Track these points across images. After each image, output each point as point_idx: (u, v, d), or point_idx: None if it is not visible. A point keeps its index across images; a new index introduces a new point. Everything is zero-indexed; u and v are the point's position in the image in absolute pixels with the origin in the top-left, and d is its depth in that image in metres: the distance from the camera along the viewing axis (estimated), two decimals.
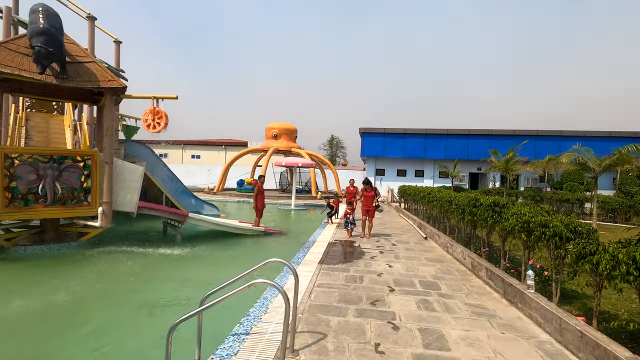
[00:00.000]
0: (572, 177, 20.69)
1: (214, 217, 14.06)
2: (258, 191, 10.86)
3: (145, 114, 7.67)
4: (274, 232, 10.89)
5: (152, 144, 40.45)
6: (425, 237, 10.01)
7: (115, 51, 13.17)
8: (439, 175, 24.76)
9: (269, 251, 8.85)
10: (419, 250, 8.25)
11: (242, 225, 10.46)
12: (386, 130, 24.52)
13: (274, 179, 33.10)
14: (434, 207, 10.38)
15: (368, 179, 9.91)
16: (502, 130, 23.33)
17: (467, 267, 6.67)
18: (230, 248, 8.92)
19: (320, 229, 11.00)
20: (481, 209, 6.24)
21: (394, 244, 8.99)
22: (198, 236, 10.23)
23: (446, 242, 8.33)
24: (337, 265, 6.51)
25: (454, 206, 7.88)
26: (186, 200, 14.40)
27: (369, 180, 9.81)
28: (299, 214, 17.33)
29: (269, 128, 28.49)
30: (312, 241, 9.00)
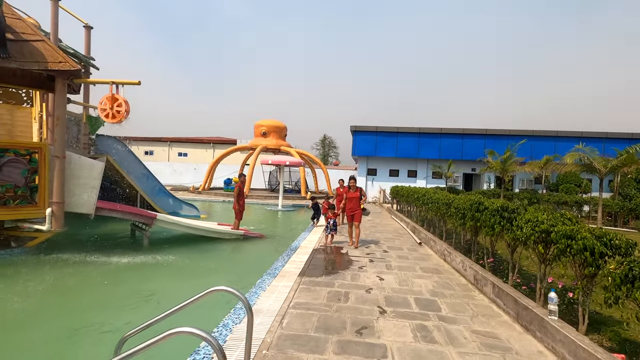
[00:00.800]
0: (568, 178, 20.14)
1: (193, 219, 13.08)
2: (239, 191, 9.91)
3: (102, 102, 6.66)
4: (255, 235, 9.96)
5: (137, 141, 39.13)
6: (419, 243, 9.18)
7: (86, 37, 12.09)
8: (432, 175, 24.04)
9: (246, 259, 7.93)
10: (413, 259, 7.40)
11: (219, 228, 9.51)
12: (378, 129, 23.72)
13: (262, 179, 32.13)
14: (429, 210, 9.56)
15: (353, 176, 8.80)
16: (498, 130, 22.71)
17: (468, 280, 5.83)
18: (205, 254, 7.96)
19: (305, 232, 10.09)
20: (486, 214, 5.41)
21: (385, 250, 8.14)
22: (170, 240, 9.24)
23: (443, 249, 7.50)
24: (320, 278, 5.61)
25: (452, 210, 7.05)
26: (163, 200, 13.40)
27: (354, 178, 8.70)
28: (286, 215, 16.41)
29: (257, 125, 27.50)
30: (295, 247, 8.10)
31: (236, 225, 9.83)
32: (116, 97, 6.64)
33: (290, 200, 22.07)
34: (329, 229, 8.48)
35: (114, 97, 6.60)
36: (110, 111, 6.61)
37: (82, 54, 11.09)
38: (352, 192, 8.36)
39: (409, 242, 9.50)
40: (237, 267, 7.04)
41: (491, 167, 16.61)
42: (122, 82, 6.64)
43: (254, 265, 7.08)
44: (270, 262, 6.74)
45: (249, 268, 6.82)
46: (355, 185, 8.51)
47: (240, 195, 9.93)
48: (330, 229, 8.43)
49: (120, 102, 6.63)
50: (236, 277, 6.27)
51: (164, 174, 35.26)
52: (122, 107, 6.65)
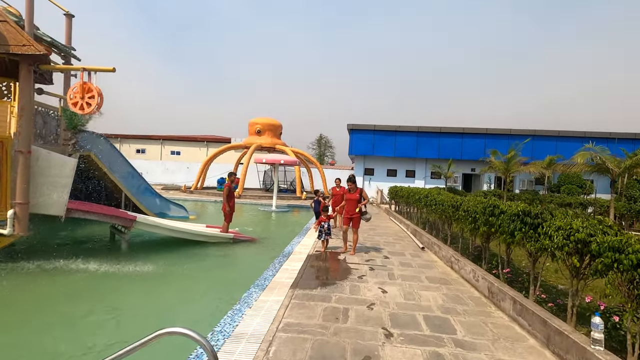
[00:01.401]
0: (570, 179, 19.66)
1: (181, 220, 12.36)
2: (228, 192, 9.22)
3: (72, 91, 5.94)
4: (245, 239, 9.28)
5: (129, 139, 38.22)
6: (422, 248, 8.55)
7: (67, 25, 11.29)
8: (430, 176, 23.47)
9: (233, 267, 7.25)
10: (417, 266, 6.77)
11: (207, 231, 8.81)
12: (376, 127, 23.10)
13: (257, 178, 31.42)
14: (433, 212, 8.93)
15: (353, 176, 7.87)
16: (499, 129, 22.19)
17: (481, 293, 5.20)
18: (189, 261, 7.26)
19: (300, 236, 9.42)
20: (504, 218, 4.77)
21: (386, 256, 7.49)
22: (152, 244, 8.53)
23: (449, 255, 6.87)
24: (315, 291, 4.94)
25: (461, 213, 6.42)
26: (150, 199, 12.67)
27: (353, 178, 7.74)
28: (280, 216, 15.74)
29: (252, 123, 26.79)
30: (289, 252, 7.43)
31: (225, 228, 9.14)
32: (89, 86, 5.92)
33: (285, 201, 21.39)
34: (322, 233, 7.67)
35: (85, 85, 5.88)
36: (81, 101, 5.89)
37: (60, 42, 10.33)
38: (351, 194, 7.54)
39: (411, 246, 8.87)
40: (222, 277, 6.35)
41: (494, 167, 16.05)
42: (95, 69, 5.92)
43: (241, 274, 6.41)
44: (260, 270, 6.06)
45: (236, 278, 6.15)
46: (354, 186, 7.62)
47: (230, 196, 9.25)
48: (325, 233, 7.66)
49: (93, 92, 5.92)
50: (219, 290, 5.59)
51: (156, 172, 34.47)
52: (95, 99, 5.93)
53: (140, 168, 34.52)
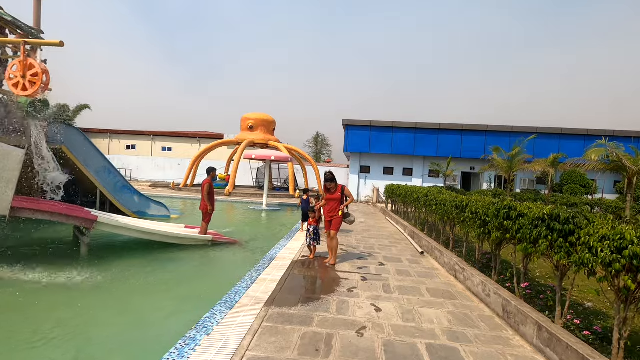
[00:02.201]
0: (573, 178, 18.93)
1: (162, 220, 11.45)
2: (209, 189, 8.31)
3: (11, 70, 5.02)
4: (226, 241, 8.39)
5: (118, 134, 37.13)
6: (422, 253, 7.71)
7: (35, 6, 10.32)
8: (429, 174, 22.67)
9: (206, 276, 6.35)
10: (416, 275, 5.92)
11: (182, 233, 7.93)
12: (372, 123, 22.23)
13: (250, 175, 30.51)
14: (433, 213, 8.09)
15: (331, 173, 6.39)
16: (499, 126, 21.39)
17: (494, 312, 4.36)
18: (155, 268, 6.38)
19: (286, 238, 8.55)
20: (523, 223, 3.93)
21: (381, 263, 6.64)
22: (120, 248, 7.62)
23: (453, 263, 6.03)
24: (295, 310, 4.08)
25: (468, 215, 5.58)
26: (127, 197, 11.74)
27: (331, 176, 6.33)
28: (270, 215, 14.86)
29: (244, 119, 25.86)
30: (271, 257, 6.56)
31: (204, 229, 8.25)
32: (31, 63, 5.00)
33: (277, 199, 20.51)
34: (308, 238, 6.72)
35: (27, 61, 4.96)
36: (21, 80, 4.97)
37: (24, 23, 9.36)
38: (332, 193, 6.26)
39: (409, 250, 8.03)
40: (188, 290, 5.44)
41: (496, 165, 15.25)
42: (39, 43, 5.01)
43: (211, 285, 5.54)
44: (234, 280, 5.19)
45: (204, 290, 5.27)
46: (334, 184, 6.27)
47: (211, 193, 8.35)
48: (311, 238, 6.69)
49: (36, 69, 5.00)
50: (177, 308, 4.70)
51: (146, 169, 33.48)
52: (39, 78, 5.01)
53: (130, 164, 33.83)
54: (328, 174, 6.41)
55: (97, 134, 37.17)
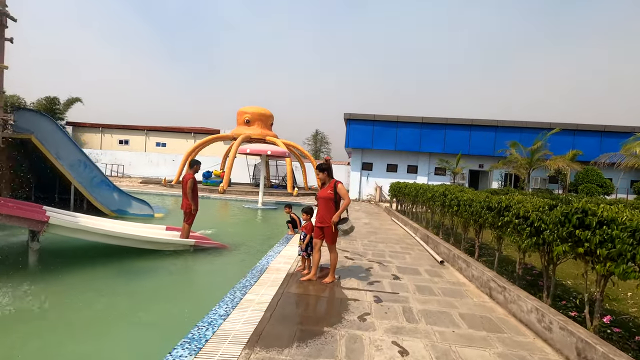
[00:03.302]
0: (589, 177, 17.78)
1: (144, 219, 10.27)
2: (193, 185, 7.11)
3: None
4: (212, 245, 7.21)
5: (111, 129, 35.87)
6: (441, 262, 6.54)
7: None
8: (434, 172, 21.48)
9: (183, 291, 5.15)
10: (441, 293, 4.75)
11: (158, 237, 6.74)
12: (376, 118, 21.00)
13: (247, 172, 29.34)
14: (454, 215, 6.92)
15: (325, 163, 4.94)
16: (511, 121, 20.15)
17: (561, 355, 3.19)
18: (122, 282, 5.21)
19: (280, 244, 7.36)
20: (616, 235, 2.75)
21: (396, 276, 5.47)
22: (85, 255, 6.42)
23: (486, 278, 4.86)
24: (287, 354, 2.90)
25: (510, 218, 4.39)
26: (105, 194, 10.54)
27: (326, 165, 4.90)
28: (266, 215, 13.67)
29: (240, 112, 24.66)
30: (262, 268, 5.38)
31: (185, 232, 7.07)
32: None
33: (274, 197, 19.33)
34: (300, 248, 5.40)
35: None
36: None
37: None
38: (323, 189, 4.92)
39: (425, 259, 6.87)
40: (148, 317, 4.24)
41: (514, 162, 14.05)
42: None
43: (183, 308, 4.36)
44: (212, 302, 4.01)
45: (169, 319, 4.10)
46: (327, 177, 4.87)
47: (195, 190, 7.16)
48: (302, 249, 5.34)
49: None
50: (122, 350, 3.52)
51: (139, 164, 32.21)
52: None
53: (123, 160, 32.54)
54: (322, 163, 4.97)
55: (89, 128, 35.92)
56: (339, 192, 4.81)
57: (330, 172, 5.01)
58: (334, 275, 4.97)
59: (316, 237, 5.02)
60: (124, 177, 30.46)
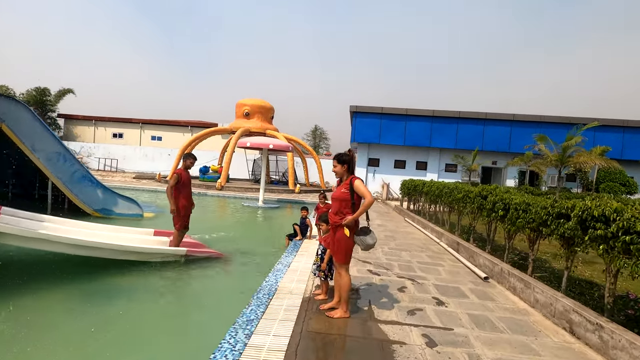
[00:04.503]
0: (611, 175, 16.72)
1: (133, 219, 9.12)
2: (178, 181, 5.90)
3: None
4: (207, 254, 6.05)
5: (104, 121, 34.53)
6: (485, 278, 5.40)
7: None
8: (445, 168, 20.34)
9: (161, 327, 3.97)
10: (507, 329, 3.62)
11: (140, 245, 5.57)
12: (384, 111, 19.80)
13: (247, 168, 28.13)
14: (501, 222, 5.79)
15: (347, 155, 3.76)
16: (528, 115, 18.98)
17: None
18: (79, 312, 4.04)
19: (289, 253, 6.20)
20: None
21: (438, 299, 4.34)
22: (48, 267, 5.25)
23: (563, 307, 3.73)
24: None
25: (602, 232, 3.26)
26: (88, 190, 9.35)
27: (343, 156, 3.74)
28: (268, 214, 12.52)
29: (239, 105, 23.40)
30: (270, 290, 4.23)
31: (176, 240, 5.91)
32: None
33: (276, 194, 18.19)
34: (317, 266, 4.16)
35: None
36: None
37: None
38: (338, 189, 3.75)
39: (462, 272, 5.74)
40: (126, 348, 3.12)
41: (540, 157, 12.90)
42: None
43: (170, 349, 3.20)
44: (205, 349, 2.86)
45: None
46: (344, 170, 3.70)
47: (179, 187, 5.94)
48: (318, 266, 4.13)
49: None
50: None
51: (133, 159, 30.95)
52: None
53: (116, 154, 31.23)
54: (344, 153, 3.77)
55: (82, 120, 34.58)
56: (357, 190, 3.56)
57: (351, 167, 3.81)
58: (346, 307, 3.64)
59: (325, 243, 3.91)
60: (117, 171, 29.21)
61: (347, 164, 3.72)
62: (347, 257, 3.63)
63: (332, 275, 4.09)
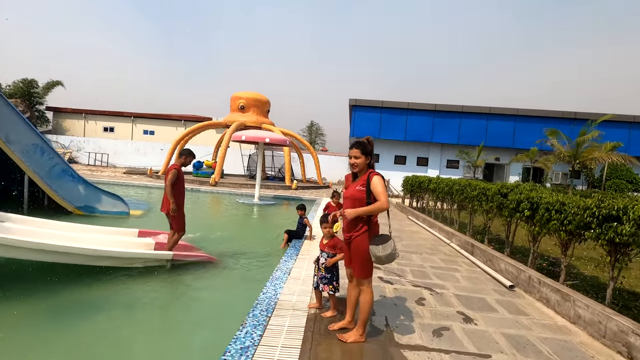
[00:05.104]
0: (617, 173, 16.26)
1: (119, 217, 8.45)
2: (174, 178, 5.25)
3: None
4: (197, 258, 5.39)
5: (95, 115, 33.50)
6: (511, 287, 4.81)
7: None
8: (446, 164, 19.78)
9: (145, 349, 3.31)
10: (554, 354, 3.02)
11: (118, 250, 4.88)
12: (384, 104, 19.14)
13: (242, 163, 27.40)
14: (526, 222, 5.19)
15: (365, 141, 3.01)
16: (533, 110, 18.43)
17: None
18: (59, 321, 3.38)
19: (288, 256, 5.55)
20: None
21: (464, 314, 3.74)
22: (15, 274, 4.56)
23: (617, 327, 3.15)
24: None
25: None
26: (69, 186, 8.62)
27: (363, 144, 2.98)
28: (264, 212, 11.86)
29: (234, 98, 22.65)
30: (268, 305, 3.59)
31: (173, 243, 5.27)
32: None
33: (271, 191, 17.52)
34: (326, 279, 3.47)
35: None
36: None
37: None
38: (352, 185, 3.08)
39: (482, 279, 5.15)
40: None
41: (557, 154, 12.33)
42: None
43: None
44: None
45: None
46: (364, 163, 2.98)
47: (176, 184, 5.30)
48: (321, 277, 3.49)
49: None
50: None
51: (125, 153, 30.04)
52: None
53: (107, 148, 30.29)
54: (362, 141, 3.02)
55: (71, 114, 33.50)
56: (373, 189, 2.88)
57: (368, 155, 3.01)
58: (363, 329, 2.99)
59: (347, 263, 3.20)
60: (108, 167, 28.32)
61: (368, 155, 3.04)
62: (367, 270, 2.99)
63: (337, 287, 3.50)
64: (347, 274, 3.26)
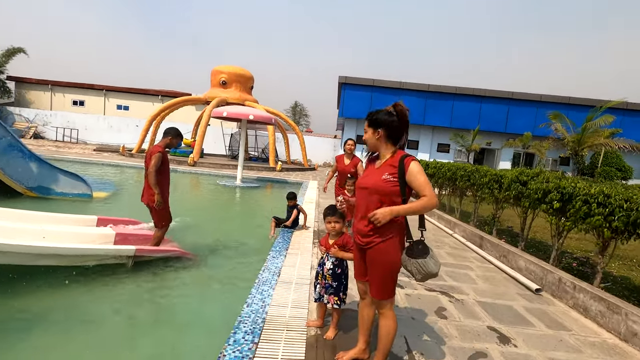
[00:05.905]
0: (608, 160, 16.09)
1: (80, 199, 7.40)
2: (158, 161, 4.29)
3: None
4: (167, 254, 4.48)
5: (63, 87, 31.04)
6: (537, 290, 4.15)
7: None
8: (437, 148, 19.20)
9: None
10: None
11: (63, 246, 3.91)
12: (375, 83, 18.20)
13: (223, 142, 26.10)
14: (554, 216, 4.51)
15: (400, 113, 2.06)
16: (527, 94, 17.87)
17: None
18: None
19: (277, 251, 4.71)
20: None
21: (494, 330, 3.04)
22: None
23: None
24: None
25: None
26: (18, 163, 7.41)
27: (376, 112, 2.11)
28: (247, 195, 10.94)
29: (215, 72, 21.14)
30: (255, 325, 2.77)
31: (157, 239, 4.37)
32: None
33: (255, 172, 16.52)
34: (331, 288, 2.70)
35: None
36: None
37: None
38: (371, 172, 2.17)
39: (500, 279, 4.49)
40: None
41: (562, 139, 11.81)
42: None
43: None
44: None
45: None
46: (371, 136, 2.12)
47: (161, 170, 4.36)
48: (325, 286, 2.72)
49: None
50: None
51: (97, 129, 28.10)
52: None
53: (76, 124, 28.21)
54: (390, 109, 2.10)
55: (36, 85, 30.91)
56: (412, 181, 2.01)
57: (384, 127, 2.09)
58: None
59: (357, 275, 2.37)
60: (77, 143, 26.41)
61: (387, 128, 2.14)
62: (390, 288, 2.19)
63: (344, 299, 2.72)
64: (360, 290, 2.46)
